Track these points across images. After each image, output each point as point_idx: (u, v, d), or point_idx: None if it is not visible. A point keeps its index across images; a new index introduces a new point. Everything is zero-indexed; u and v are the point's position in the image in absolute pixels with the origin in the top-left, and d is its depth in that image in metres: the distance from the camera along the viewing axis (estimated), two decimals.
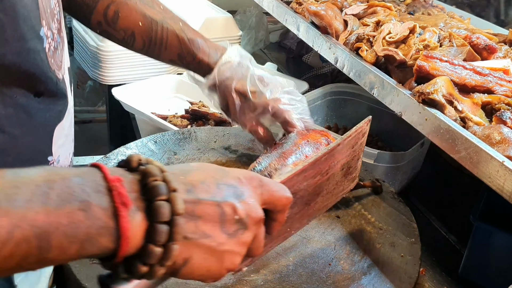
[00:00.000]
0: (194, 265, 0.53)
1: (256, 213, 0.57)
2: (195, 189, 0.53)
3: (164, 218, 0.49)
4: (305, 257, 0.89)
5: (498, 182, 0.78)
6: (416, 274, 0.88)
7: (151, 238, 0.48)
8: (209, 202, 0.53)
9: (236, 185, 0.57)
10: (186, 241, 0.51)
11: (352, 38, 1.26)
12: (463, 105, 0.95)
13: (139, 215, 0.48)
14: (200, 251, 0.53)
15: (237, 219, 0.55)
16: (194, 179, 0.54)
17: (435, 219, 1.35)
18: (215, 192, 0.54)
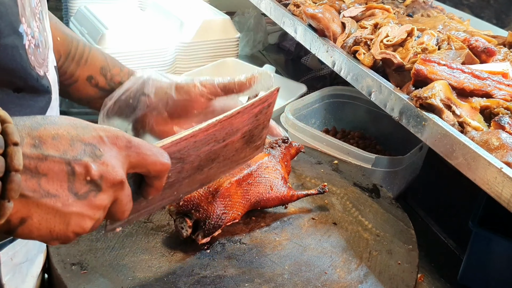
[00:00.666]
0: (33, 225, 0.50)
1: (115, 175, 0.54)
2: (43, 145, 0.50)
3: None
4: (301, 265, 0.87)
5: (496, 189, 0.77)
6: (414, 282, 0.87)
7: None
8: (57, 159, 0.50)
9: (95, 144, 0.53)
10: (24, 199, 0.49)
11: (349, 41, 1.25)
12: (461, 109, 0.94)
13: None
14: (41, 211, 0.50)
15: (88, 180, 0.52)
16: (45, 133, 0.51)
17: (434, 224, 1.33)
18: (67, 150, 0.51)
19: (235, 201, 0.91)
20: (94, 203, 0.54)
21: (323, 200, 1.06)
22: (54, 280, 0.83)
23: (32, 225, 0.50)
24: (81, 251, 0.84)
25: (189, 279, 0.82)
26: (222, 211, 0.89)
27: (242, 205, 0.92)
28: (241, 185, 0.92)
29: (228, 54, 2.07)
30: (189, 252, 0.87)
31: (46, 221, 0.51)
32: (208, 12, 2.15)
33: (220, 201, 0.88)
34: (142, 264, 0.83)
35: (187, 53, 1.98)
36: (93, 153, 0.53)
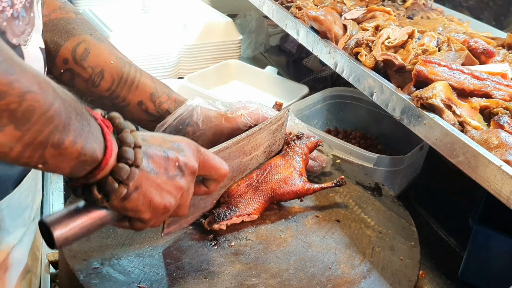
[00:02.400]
0: (141, 193, 0.65)
1: (193, 165, 0.72)
2: (146, 137, 0.69)
3: (130, 144, 0.63)
4: (306, 261, 0.90)
5: (495, 186, 0.79)
6: (416, 277, 0.89)
7: (122, 157, 0.62)
8: (158, 148, 0.68)
9: (178, 143, 0.72)
10: (141, 172, 0.65)
11: (351, 43, 1.27)
12: (462, 109, 0.96)
13: (114, 139, 0.63)
14: (148, 182, 0.66)
15: (177, 165, 0.69)
16: (144, 133, 0.70)
17: (434, 222, 1.36)
18: (162, 144, 0.70)
19: (247, 198, 0.96)
20: (179, 184, 0.70)
21: (326, 199, 1.09)
22: (65, 274, 0.85)
23: (141, 193, 0.66)
24: (92, 247, 0.87)
25: (198, 274, 0.84)
26: (233, 205, 0.94)
27: (256, 201, 0.97)
28: (251, 184, 0.97)
29: (231, 56, 2.10)
30: (197, 248, 0.90)
31: (150, 192, 0.67)
32: (210, 14, 2.17)
33: (231, 200, 0.94)
34: (152, 260, 0.86)
35: (190, 55, 2.00)
36: (178, 148, 0.71)
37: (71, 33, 0.96)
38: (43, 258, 1.03)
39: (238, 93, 1.92)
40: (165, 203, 0.69)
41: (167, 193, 0.69)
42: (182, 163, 0.70)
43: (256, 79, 1.97)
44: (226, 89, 1.94)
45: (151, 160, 0.67)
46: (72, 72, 0.96)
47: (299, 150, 1.05)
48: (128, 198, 0.65)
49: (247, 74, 1.99)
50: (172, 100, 1.01)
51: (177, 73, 1.98)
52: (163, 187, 0.68)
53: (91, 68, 0.96)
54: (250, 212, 0.96)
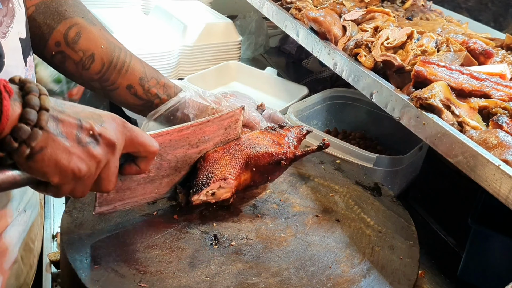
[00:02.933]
0: (46, 154, 0.66)
1: (110, 136, 0.71)
2: (64, 105, 0.68)
3: (34, 107, 0.63)
4: (306, 260, 0.90)
5: (494, 186, 0.80)
6: (415, 276, 0.90)
7: (23, 118, 0.62)
8: (72, 116, 0.68)
9: (99, 114, 0.71)
10: (46, 133, 0.65)
11: (350, 44, 1.28)
12: (460, 109, 0.97)
13: (17, 103, 0.63)
14: (54, 145, 0.66)
15: (91, 133, 0.69)
16: (65, 102, 0.69)
17: (434, 222, 1.36)
18: (79, 112, 0.69)
19: (223, 164, 0.96)
20: (91, 152, 0.69)
21: (326, 198, 1.09)
22: (67, 274, 0.86)
23: (46, 154, 0.66)
24: (94, 246, 0.87)
25: (198, 273, 0.84)
26: (209, 171, 0.94)
27: (232, 167, 0.97)
28: (228, 151, 0.99)
29: (230, 57, 2.10)
30: (198, 248, 0.90)
31: (56, 154, 0.66)
32: (210, 16, 2.18)
33: (207, 165, 0.95)
34: (153, 260, 0.86)
35: (190, 56, 2.01)
36: (97, 119, 0.70)
37: (63, 16, 0.98)
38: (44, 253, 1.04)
39: None
40: (72, 167, 0.68)
41: (77, 157, 0.68)
42: (97, 133, 0.69)
43: (256, 80, 1.97)
44: (226, 90, 1.95)
45: (61, 124, 0.67)
46: (63, 54, 0.98)
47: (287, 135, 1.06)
48: (32, 158, 0.65)
49: (247, 75, 2.00)
50: (161, 84, 1.04)
51: (177, 74, 1.99)
52: (71, 151, 0.67)
53: (82, 52, 0.98)
54: (226, 177, 0.95)
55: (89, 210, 0.96)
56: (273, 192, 1.09)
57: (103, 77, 1.00)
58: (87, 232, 0.90)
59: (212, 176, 0.94)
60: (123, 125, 0.74)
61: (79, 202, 0.99)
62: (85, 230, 0.91)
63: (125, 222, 0.94)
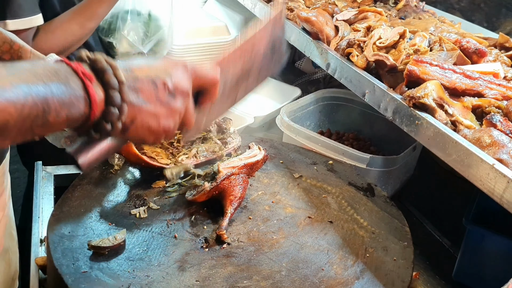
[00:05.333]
0: (138, 123, 0.70)
1: (183, 86, 0.74)
2: (134, 73, 0.70)
3: (114, 87, 0.66)
4: (298, 262, 0.88)
5: (488, 185, 0.79)
6: (409, 277, 0.88)
7: (109, 102, 0.66)
8: (145, 79, 0.70)
9: (164, 67, 0.73)
10: (131, 106, 0.68)
11: (343, 44, 1.27)
12: (454, 108, 0.96)
13: (99, 88, 0.65)
14: (142, 113, 0.70)
15: (167, 90, 0.71)
16: (130, 63, 0.71)
17: (428, 223, 1.35)
18: (148, 72, 0.71)
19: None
20: (173, 107, 0.73)
21: (319, 199, 1.08)
22: (54, 279, 0.84)
23: (138, 123, 0.70)
24: (81, 251, 0.85)
25: (188, 277, 0.83)
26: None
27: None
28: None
29: None
30: (188, 251, 0.88)
31: (146, 120, 0.71)
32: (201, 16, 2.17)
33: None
34: (142, 263, 0.84)
35: (179, 56, 1.99)
36: (165, 72, 0.72)
37: None
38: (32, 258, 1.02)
39: None
40: (164, 127, 0.72)
41: (164, 117, 0.72)
42: (171, 86, 0.72)
43: None
44: None
45: (140, 92, 0.69)
46: None
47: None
48: (127, 130, 0.69)
49: None
50: (15, 49, 1.03)
51: None
52: (157, 113, 0.71)
53: None
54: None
55: (76, 214, 0.95)
56: (265, 194, 1.07)
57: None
58: (74, 236, 0.88)
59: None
60: (185, 66, 0.76)
61: (66, 206, 0.97)
62: (72, 234, 0.89)
63: (114, 226, 0.92)
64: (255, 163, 1.06)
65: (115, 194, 1.02)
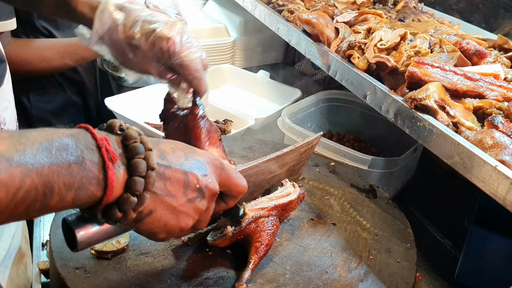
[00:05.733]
0: (155, 217, 0.62)
1: (214, 188, 0.68)
2: (166, 155, 0.63)
3: (141, 173, 0.58)
4: (302, 265, 0.89)
5: (491, 187, 0.79)
6: (413, 279, 0.88)
7: (130, 188, 0.57)
8: (178, 169, 0.64)
9: (201, 161, 0.67)
10: (154, 195, 0.61)
11: (343, 46, 1.27)
12: (455, 110, 0.96)
13: (122, 169, 0.57)
14: (163, 206, 0.63)
15: (198, 188, 0.66)
16: (166, 147, 0.65)
17: (429, 224, 1.35)
18: (184, 162, 0.65)
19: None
20: (198, 207, 0.67)
21: (321, 201, 1.08)
22: (56, 283, 0.83)
23: (155, 217, 0.63)
24: (84, 255, 0.85)
25: (192, 280, 0.83)
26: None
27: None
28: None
29: (223, 60, 2.09)
30: (191, 254, 0.88)
31: (165, 215, 0.63)
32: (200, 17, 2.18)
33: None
34: (145, 267, 0.84)
35: None
36: (200, 167, 0.67)
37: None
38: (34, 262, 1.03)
39: (231, 97, 1.91)
40: (181, 226, 0.66)
41: (185, 215, 0.66)
42: (203, 185, 0.66)
43: (248, 83, 1.96)
44: (219, 93, 1.94)
45: (169, 182, 0.63)
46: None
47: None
48: (141, 221, 0.62)
49: (240, 78, 1.99)
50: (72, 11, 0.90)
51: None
52: (180, 210, 0.65)
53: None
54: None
55: None
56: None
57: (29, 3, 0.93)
58: None
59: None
60: (221, 167, 0.71)
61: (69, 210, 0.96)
62: None
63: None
64: (287, 203, 0.94)
65: None
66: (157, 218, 0.63)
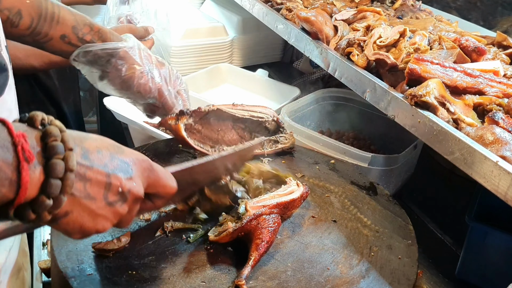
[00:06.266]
0: (71, 218, 0.60)
1: (138, 192, 0.66)
2: (90, 155, 0.60)
3: (58, 175, 0.55)
4: (303, 262, 0.89)
5: (493, 182, 0.79)
6: (414, 276, 0.88)
7: (45, 191, 0.55)
8: (100, 170, 0.61)
9: (128, 163, 0.64)
10: (71, 197, 0.58)
11: (343, 43, 1.27)
12: (455, 106, 0.96)
13: (38, 170, 0.54)
14: (80, 208, 0.60)
15: (120, 192, 0.63)
16: (91, 145, 0.61)
17: (430, 221, 1.35)
18: (108, 163, 0.62)
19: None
20: (118, 211, 0.64)
21: (322, 199, 1.08)
22: (58, 282, 0.83)
23: (71, 219, 0.60)
24: (85, 254, 0.85)
25: (194, 278, 0.82)
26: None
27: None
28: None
29: (221, 59, 2.09)
30: (192, 251, 0.88)
31: (82, 217, 0.61)
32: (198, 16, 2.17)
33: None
34: (147, 266, 0.84)
35: (178, 56, 1.99)
36: (125, 170, 0.64)
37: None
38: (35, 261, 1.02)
39: (229, 96, 1.91)
40: (97, 228, 0.64)
41: (103, 218, 0.63)
42: (126, 189, 0.63)
43: (247, 82, 1.96)
44: (217, 92, 1.94)
45: (89, 184, 0.60)
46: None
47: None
48: (54, 222, 0.59)
49: (238, 77, 1.99)
50: (95, 30, 1.01)
51: None
52: (98, 213, 0.62)
53: (8, 10, 0.93)
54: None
55: None
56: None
57: (34, 31, 0.95)
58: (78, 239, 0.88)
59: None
60: (150, 168, 0.69)
61: None
62: None
63: (118, 228, 0.92)
64: (290, 202, 0.93)
65: None
66: (72, 219, 0.60)
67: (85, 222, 0.61)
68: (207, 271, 0.84)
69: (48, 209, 0.56)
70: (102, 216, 0.62)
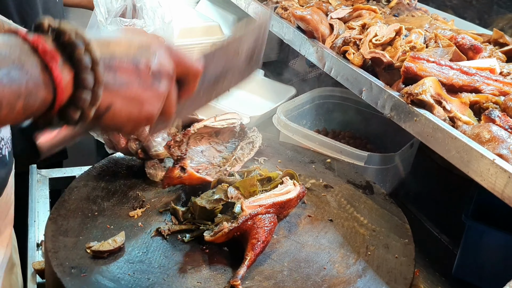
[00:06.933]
0: (115, 111, 0.59)
1: (168, 69, 0.63)
2: (110, 50, 0.59)
3: (86, 67, 0.54)
4: (300, 261, 0.88)
5: (489, 180, 0.79)
6: (411, 274, 0.88)
7: (80, 86, 0.54)
8: (124, 58, 0.59)
9: (149, 45, 0.62)
10: (107, 90, 0.57)
11: (338, 42, 1.26)
12: (452, 105, 0.96)
13: (66, 68, 0.54)
14: (120, 99, 0.59)
15: (151, 72, 0.61)
16: (105, 38, 0.61)
17: (426, 220, 1.35)
18: (128, 49, 0.60)
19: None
20: (157, 91, 0.62)
21: (318, 198, 1.07)
22: (52, 283, 0.82)
23: (115, 111, 0.59)
24: (80, 254, 0.84)
25: (190, 278, 0.82)
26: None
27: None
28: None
29: None
30: (189, 253, 0.87)
31: (125, 107, 0.60)
32: (193, 15, 2.16)
33: None
34: (142, 265, 0.83)
35: None
36: (148, 51, 0.61)
37: None
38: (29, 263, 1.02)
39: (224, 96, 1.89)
40: (145, 115, 0.62)
41: (145, 102, 0.61)
42: (156, 68, 0.62)
43: None
44: None
45: (118, 72, 0.58)
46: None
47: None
48: (100, 118, 0.59)
49: None
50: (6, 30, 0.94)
51: None
52: (138, 99, 0.61)
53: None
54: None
55: (74, 217, 0.93)
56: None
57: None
58: (73, 240, 0.87)
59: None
60: (170, 48, 0.66)
61: (63, 209, 0.95)
62: (70, 238, 0.87)
63: (112, 229, 0.91)
64: (286, 201, 0.93)
65: (112, 196, 1.01)
66: (117, 112, 0.59)
67: (130, 111, 0.60)
68: (203, 271, 0.84)
69: (89, 104, 0.55)
70: (143, 100, 0.61)
